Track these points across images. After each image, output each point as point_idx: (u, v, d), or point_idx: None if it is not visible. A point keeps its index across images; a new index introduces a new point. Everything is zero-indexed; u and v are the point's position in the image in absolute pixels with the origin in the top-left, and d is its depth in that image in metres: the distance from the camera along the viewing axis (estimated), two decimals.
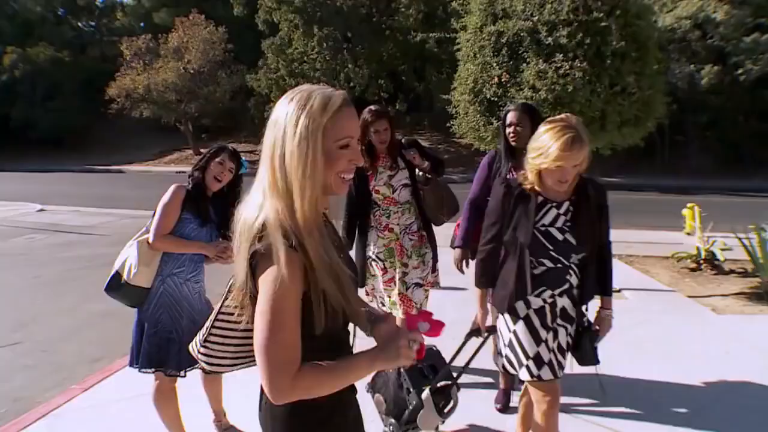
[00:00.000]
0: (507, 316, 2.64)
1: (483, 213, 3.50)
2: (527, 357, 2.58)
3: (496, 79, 5.77)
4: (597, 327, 2.76)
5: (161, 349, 2.98)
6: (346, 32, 23.55)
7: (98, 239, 9.77)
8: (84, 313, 5.91)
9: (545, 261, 2.53)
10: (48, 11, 35.71)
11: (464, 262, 3.78)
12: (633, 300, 5.92)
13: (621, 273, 2.53)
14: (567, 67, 5.53)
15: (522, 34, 5.78)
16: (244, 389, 2.63)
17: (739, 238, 6.48)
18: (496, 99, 5.74)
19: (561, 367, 2.62)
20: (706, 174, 18.87)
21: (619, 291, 6.13)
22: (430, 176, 3.72)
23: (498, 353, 2.86)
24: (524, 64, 5.73)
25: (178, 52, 25.05)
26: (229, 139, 27.57)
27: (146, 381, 3.20)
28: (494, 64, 5.80)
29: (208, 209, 3.10)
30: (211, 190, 3.10)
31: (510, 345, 2.64)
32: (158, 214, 2.98)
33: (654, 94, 5.92)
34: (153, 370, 3.02)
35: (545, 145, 2.39)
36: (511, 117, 3.53)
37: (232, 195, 3.12)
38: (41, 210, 13.18)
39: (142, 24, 33.94)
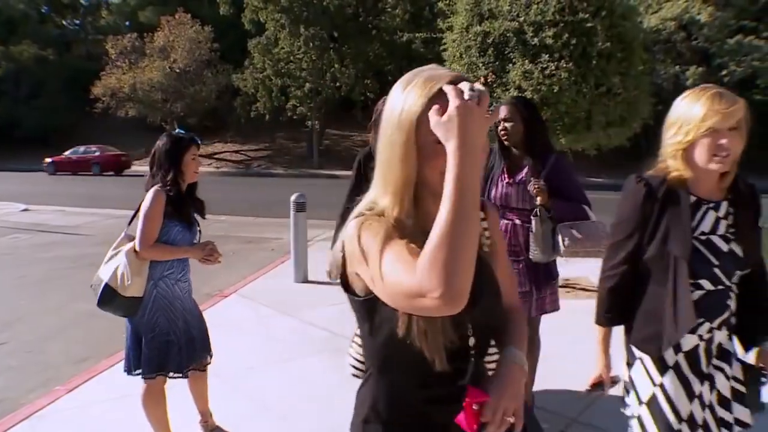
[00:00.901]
0: (649, 363, 1.98)
1: None
2: (679, 419, 1.90)
3: (482, 80, 5.76)
4: (762, 365, 2.02)
5: (161, 352, 2.95)
6: (332, 32, 23.52)
7: (83, 239, 9.69)
8: (69, 313, 5.85)
9: (704, 282, 1.86)
10: (31, 9, 35.33)
11: None
12: None
13: None
14: (553, 67, 5.54)
15: (508, 35, 5.78)
16: (230, 389, 2.63)
17: None
18: None
19: (727, 426, 1.94)
20: None
21: None
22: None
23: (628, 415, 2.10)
24: (510, 65, 5.74)
25: (163, 51, 24.92)
26: (215, 139, 27.52)
27: (132, 382, 3.17)
28: (480, 65, 5.80)
29: (191, 210, 3.08)
30: (186, 183, 3.07)
31: (652, 404, 1.95)
32: (141, 222, 2.89)
33: (639, 95, 5.96)
34: (155, 375, 2.98)
35: (684, 113, 1.85)
36: (500, 112, 3.28)
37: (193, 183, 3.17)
38: (25, 210, 13.05)
39: (127, 23, 33.73)
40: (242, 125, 26.24)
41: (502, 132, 3.24)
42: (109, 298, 2.91)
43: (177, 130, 3.16)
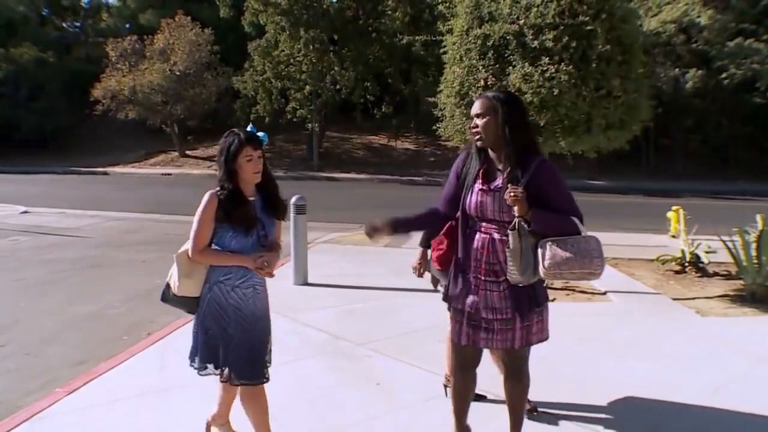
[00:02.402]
0: None
1: (442, 222, 3.10)
2: None
3: (482, 82, 5.78)
4: None
5: (213, 354, 2.96)
6: (332, 34, 23.53)
7: (83, 241, 9.69)
8: (68, 316, 5.85)
9: None
10: (32, 11, 35.35)
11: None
12: (618, 303, 5.96)
13: (606, 276, 2.45)
14: (553, 70, 5.54)
15: (508, 38, 5.79)
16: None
17: (723, 241, 6.55)
18: None
19: None
20: (690, 177, 19.07)
21: (604, 294, 6.18)
22: None
23: None
24: (510, 67, 5.75)
25: (163, 53, 24.91)
26: (215, 142, 27.39)
27: (131, 384, 3.20)
28: (480, 67, 5.81)
29: (249, 213, 2.88)
30: (252, 185, 2.92)
31: None
32: (193, 225, 2.86)
33: (639, 98, 5.97)
34: (204, 366, 2.99)
35: None
36: (472, 108, 2.87)
37: (267, 176, 2.97)
38: (25, 212, 13.04)
39: (127, 25, 33.70)
40: (242, 128, 26.20)
41: (473, 130, 2.84)
42: (166, 295, 3.02)
43: (250, 128, 2.98)
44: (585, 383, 3.99)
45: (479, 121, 2.78)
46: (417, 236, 3.58)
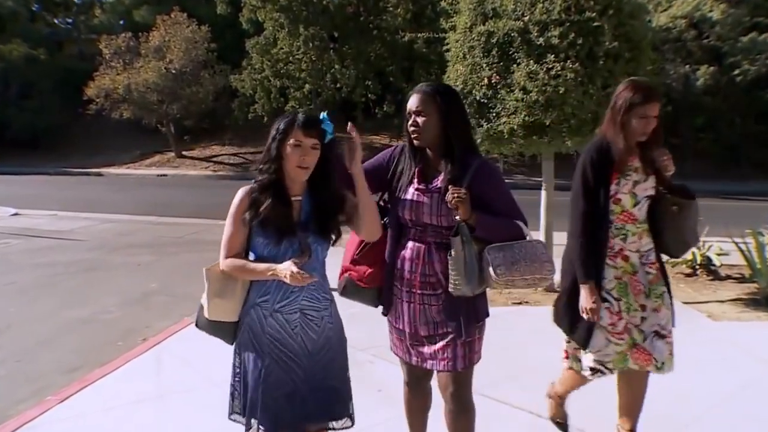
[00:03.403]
0: None
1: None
2: None
3: (485, 81, 5.75)
4: None
5: (249, 400, 2.44)
6: (332, 32, 23.55)
7: (76, 244, 9.71)
8: (61, 321, 5.87)
9: None
10: (21, 6, 35.34)
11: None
12: None
13: None
14: (558, 68, 5.53)
15: (512, 35, 5.78)
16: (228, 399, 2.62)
17: (736, 243, 6.55)
18: (485, 101, 5.73)
19: None
20: (701, 177, 18.98)
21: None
22: (688, 194, 3.06)
23: None
24: (515, 65, 5.74)
25: (159, 51, 24.93)
26: (212, 142, 27.52)
27: (127, 391, 3.20)
28: (484, 65, 5.80)
29: (285, 214, 2.37)
30: (299, 182, 2.41)
31: None
32: (225, 226, 2.44)
33: None
34: (248, 422, 2.45)
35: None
36: (409, 103, 2.66)
37: (324, 179, 2.43)
38: (15, 214, 13.06)
39: (121, 22, 33.72)
40: (240, 127, 26.23)
41: (412, 128, 2.63)
42: (201, 320, 2.55)
43: (323, 116, 2.43)
44: (591, 390, 3.99)
45: (419, 119, 2.59)
46: None
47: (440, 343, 2.66)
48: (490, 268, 2.48)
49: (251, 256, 2.44)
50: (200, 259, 8.35)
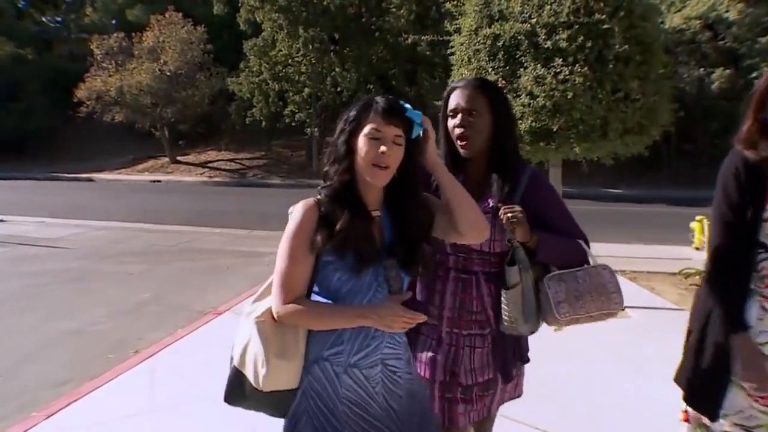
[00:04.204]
0: None
1: None
2: None
3: None
4: None
5: None
6: (333, 33, 23.63)
7: (65, 252, 9.72)
8: (48, 332, 5.87)
9: None
10: (7, 3, 35.39)
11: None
12: (637, 319, 5.96)
13: (625, 290, 2.28)
14: (567, 72, 5.56)
15: (519, 38, 5.82)
16: (224, 413, 2.61)
17: None
18: None
19: None
20: (715, 185, 18.97)
21: (622, 309, 6.18)
22: None
23: None
24: (521, 69, 5.77)
25: (153, 52, 25.04)
26: (208, 147, 27.62)
27: (117, 405, 3.19)
28: (490, 69, 5.83)
29: (367, 234, 1.86)
30: (376, 189, 1.89)
31: None
32: (278, 261, 1.85)
33: (659, 101, 5.99)
34: None
35: None
36: (452, 100, 2.26)
37: (409, 186, 1.91)
38: (1, 221, 13.09)
39: (114, 21, 33.84)
40: (237, 132, 26.33)
41: (459, 130, 2.22)
42: (239, 390, 1.94)
43: (403, 102, 1.93)
44: (600, 405, 3.99)
45: (470, 119, 2.19)
46: None
47: (478, 393, 2.25)
48: (551, 305, 2.14)
49: (315, 296, 1.91)
50: (195, 268, 8.41)
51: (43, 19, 38.60)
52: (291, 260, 1.81)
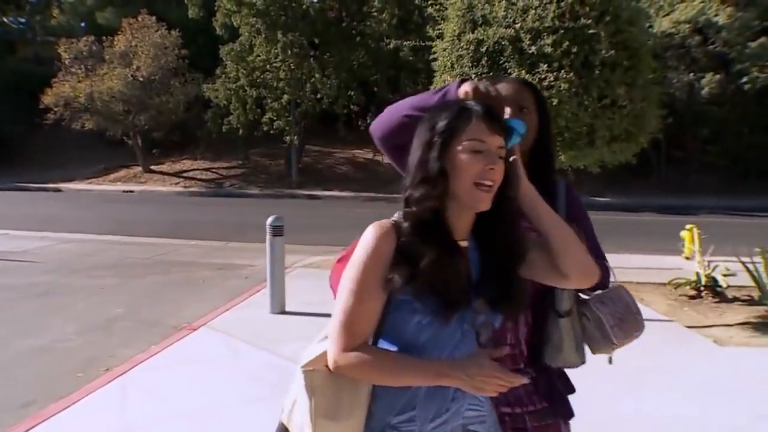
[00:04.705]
0: None
1: None
2: None
3: None
4: None
5: None
6: (312, 38, 23.68)
7: (31, 266, 9.61)
8: (12, 350, 5.79)
9: None
10: None
11: None
12: None
13: None
14: (552, 78, 5.63)
15: (503, 43, 5.88)
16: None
17: (743, 263, 6.62)
18: None
19: None
20: (707, 192, 19.22)
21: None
22: None
23: None
24: (505, 75, 5.84)
25: (125, 57, 24.91)
26: (183, 156, 27.49)
27: (87, 426, 3.16)
28: (473, 76, 5.88)
29: (462, 274, 1.55)
30: (470, 215, 1.58)
31: None
32: (338, 299, 1.57)
33: (647, 107, 6.07)
34: None
35: None
36: (506, 91, 1.95)
37: (507, 206, 1.58)
38: None
39: (83, 24, 33.59)
40: (213, 140, 26.22)
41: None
42: None
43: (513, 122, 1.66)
44: (591, 417, 4.01)
45: (521, 117, 1.88)
46: None
47: (532, 424, 1.97)
48: (607, 330, 1.99)
49: (383, 344, 1.59)
50: (169, 281, 8.36)
51: (5, 19, 38.06)
52: (358, 297, 1.50)
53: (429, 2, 8.81)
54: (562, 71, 5.70)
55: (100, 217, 15.57)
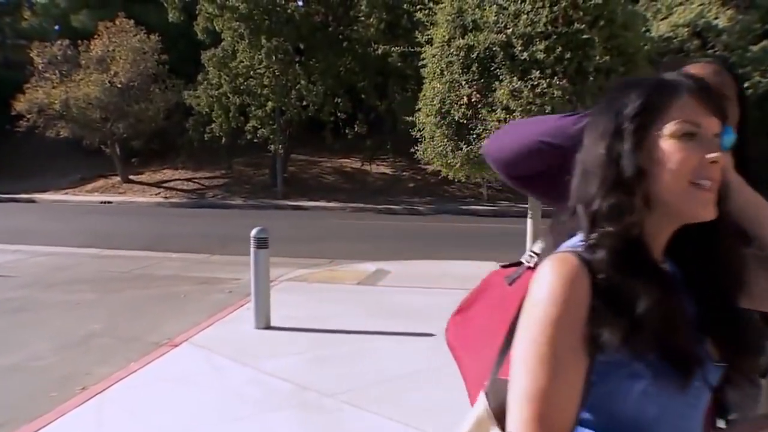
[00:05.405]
0: None
1: None
2: None
3: (465, 99, 5.88)
4: None
5: None
6: (298, 43, 23.73)
7: (4, 281, 9.55)
8: None
9: None
10: None
11: None
12: None
13: None
14: (545, 85, 5.69)
15: (494, 49, 5.94)
16: None
17: None
18: (465, 121, 5.87)
19: None
20: None
21: None
22: None
23: None
24: (497, 82, 5.89)
25: (102, 62, 24.86)
26: (163, 165, 27.44)
27: None
28: (463, 82, 5.93)
29: (684, 313, 1.10)
30: (666, 232, 1.14)
31: None
32: (520, 367, 1.05)
33: None
34: None
35: None
36: (700, 70, 1.62)
37: (723, 213, 1.12)
38: None
39: (57, 27, 33.41)
40: (195, 149, 26.17)
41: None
42: None
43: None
44: None
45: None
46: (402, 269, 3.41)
47: None
48: None
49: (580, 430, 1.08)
50: (149, 295, 8.33)
51: None
52: (552, 370, 1.00)
53: (418, 7, 8.88)
54: (556, 78, 5.76)
55: (77, 229, 15.49)
